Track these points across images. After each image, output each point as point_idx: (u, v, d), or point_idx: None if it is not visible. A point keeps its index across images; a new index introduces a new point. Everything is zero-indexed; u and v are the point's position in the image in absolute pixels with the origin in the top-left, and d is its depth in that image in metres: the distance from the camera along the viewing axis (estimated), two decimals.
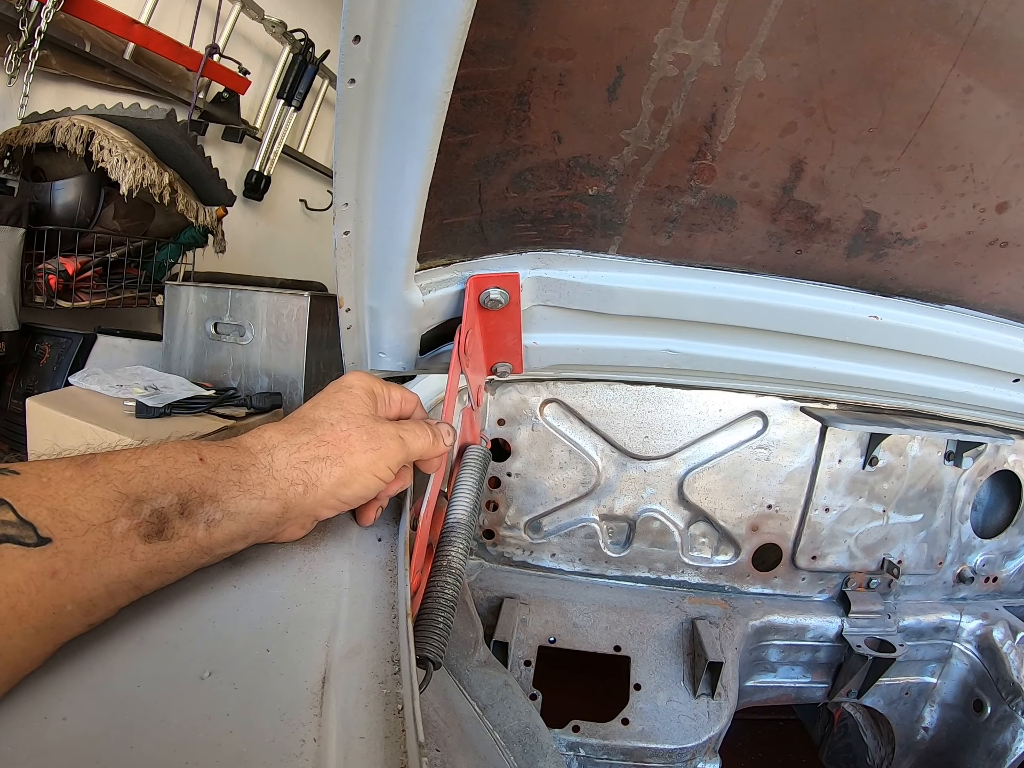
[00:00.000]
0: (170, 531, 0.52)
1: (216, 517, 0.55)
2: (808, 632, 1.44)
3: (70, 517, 0.46)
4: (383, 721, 0.45)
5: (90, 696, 0.45)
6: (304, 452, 0.63)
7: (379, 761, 0.42)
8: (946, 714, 1.53)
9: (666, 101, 0.70)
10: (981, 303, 1.08)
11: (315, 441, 0.64)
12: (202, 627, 0.54)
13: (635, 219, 0.86)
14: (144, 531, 0.50)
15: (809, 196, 0.84)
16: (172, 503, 0.52)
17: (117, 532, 0.48)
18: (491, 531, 1.45)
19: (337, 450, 0.65)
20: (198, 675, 0.48)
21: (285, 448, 0.62)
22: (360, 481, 0.66)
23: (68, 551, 0.45)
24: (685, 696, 1.20)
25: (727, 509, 1.42)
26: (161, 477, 0.53)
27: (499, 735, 0.93)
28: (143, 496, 0.51)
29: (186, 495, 0.53)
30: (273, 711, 0.45)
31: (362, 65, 0.55)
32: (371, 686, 0.48)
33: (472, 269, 0.87)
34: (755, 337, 1.08)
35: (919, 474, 1.45)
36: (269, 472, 0.60)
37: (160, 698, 0.46)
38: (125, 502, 0.50)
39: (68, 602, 0.45)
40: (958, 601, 1.56)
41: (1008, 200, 0.90)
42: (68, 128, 2.26)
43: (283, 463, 0.61)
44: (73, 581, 0.45)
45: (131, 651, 0.50)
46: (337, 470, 0.64)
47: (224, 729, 0.43)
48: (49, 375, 2.33)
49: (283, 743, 0.42)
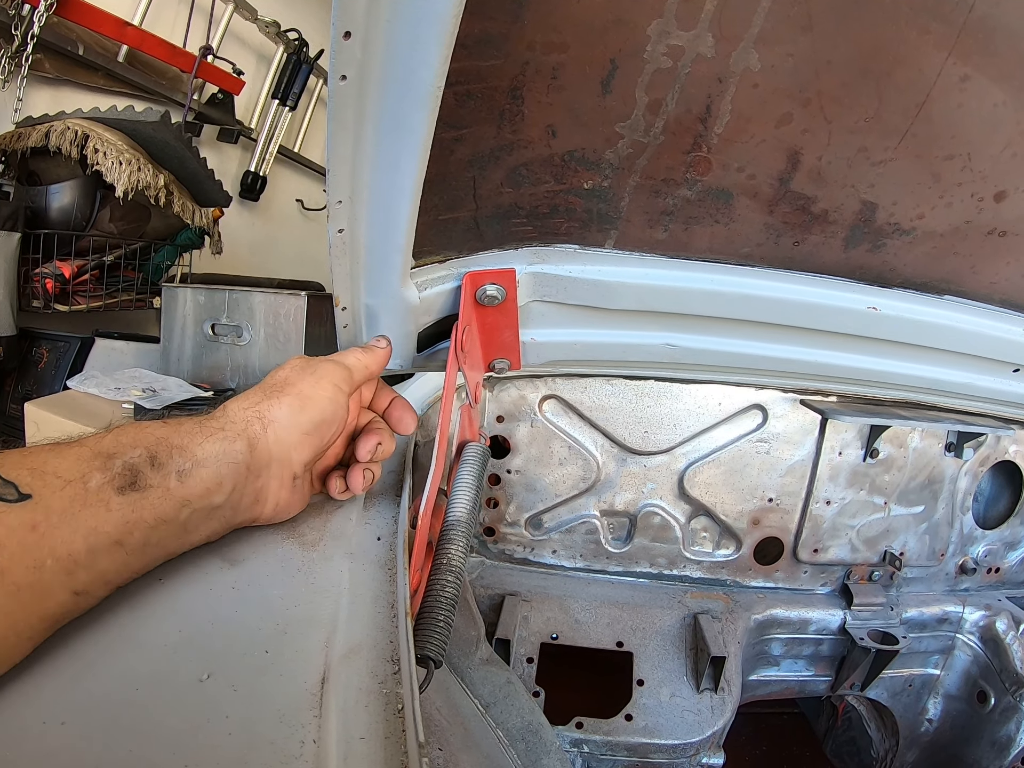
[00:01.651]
0: (142, 482, 0.54)
1: (186, 467, 0.58)
2: (811, 625, 1.43)
3: (48, 475, 0.49)
4: (383, 721, 0.44)
5: (89, 700, 0.45)
6: (252, 398, 0.69)
7: (379, 762, 0.41)
8: (950, 706, 1.53)
9: (661, 93, 0.69)
10: (980, 293, 1.08)
11: (260, 389, 0.71)
12: (201, 629, 0.54)
13: (631, 213, 0.85)
14: (117, 483, 0.53)
15: (806, 187, 0.84)
16: (142, 455, 0.56)
17: (92, 485, 0.51)
18: (492, 528, 1.45)
19: (281, 388, 0.70)
20: (197, 677, 0.48)
21: (235, 401, 0.69)
22: (311, 404, 0.70)
23: (47, 506, 0.47)
24: (688, 691, 1.20)
25: (728, 503, 1.42)
26: (130, 435, 0.57)
27: (502, 733, 0.92)
28: (114, 452, 0.54)
29: (154, 448, 0.57)
30: (272, 712, 0.45)
31: (353, 61, 0.55)
32: (371, 686, 0.48)
33: (468, 265, 0.87)
34: (754, 330, 1.07)
35: (920, 466, 1.44)
36: (226, 419, 0.65)
37: (159, 701, 0.46)
38: (98, 458, 0.53)
39: (48, 557, 0.46)
40: (960, 593, 1.55)
41: (1006, 189, 0.89)
42: (63, 131, 2.25)
43: (235, 409, 0.67)
44: (52, 534, 0.47)
45: (130, 654, 0.50)
46: (285, 400, 0.69)
47: (223, 731, 0.43)
48: (47, 379, 2.33)
49: (283, 745, 0.42)
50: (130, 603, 0.54)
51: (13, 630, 0.44)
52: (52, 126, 2.27)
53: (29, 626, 0.45)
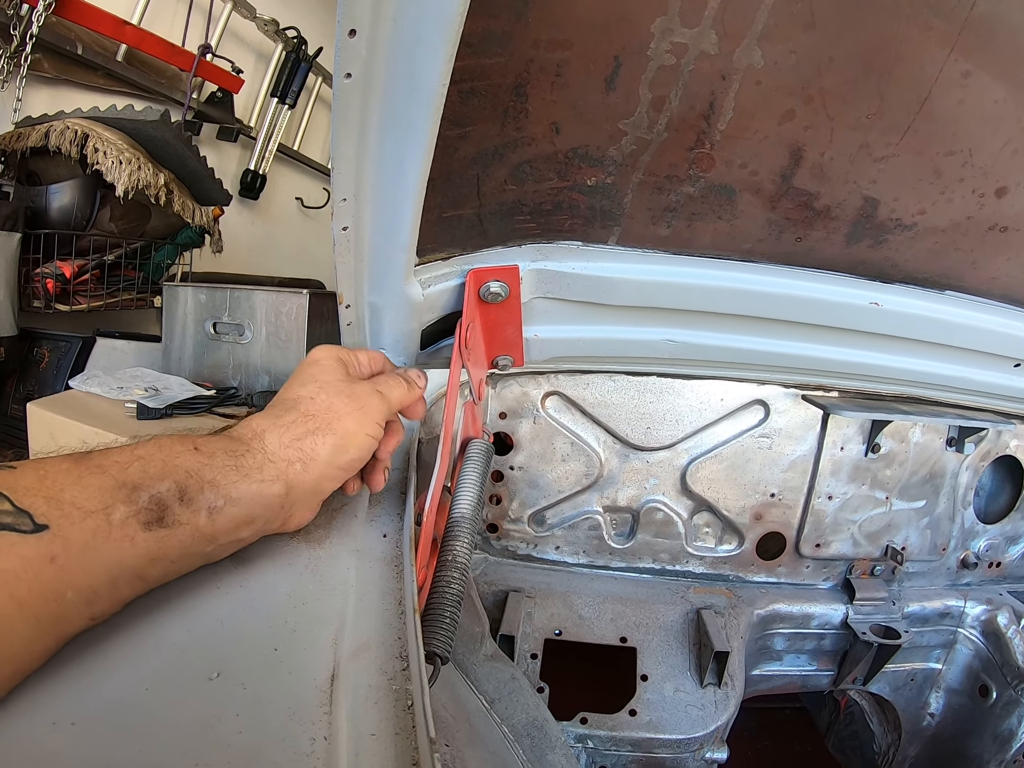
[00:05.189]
0: (171, 518, 0.51)
1: (218, 504, 0.55)
2: (813, 620, 1.44)
3: (66, 505, 0.46)
4: (393, 718, 0.45)
5: (99, 700, 0.45)
6: (294, 430, 0.64)
7: (391, 758, 0.41)
8: (952, 700, 1.53)
9: (664, 90, 0.69)
10: (981, 288, 1.08)
11: (301, 418, 0.65)
12: (210, 628, 0.54)
13: (634, 209, 0.85)
14: (144, 518, 0.50)
15: (808, 183, 0.84)
16: (171, 489, 0.52)
17: (116, 519, 0.48)
18: (495, 525, 1.45)
19: (325, 420, 0.65)
20: (207, 676, 0.48)
21: (274, 431, 0.63)
22: (355, 443, 0.67)
23: (66, 537, 0.45)
24: (692, 686, 1.20)
25: (730, 498, 1.42)
26: (158, 465, 0.53)
27: (507, 729, 0.93)
28: (140, 484, 0.51)
29: (184, 482, 0.53)
30: (283, 710, 0.45)
31: (358, 59, 0.55)
32: (380, 683, 0.48)
33: (472, 263, 0.87)
34: (756, 326, 1.07)
35: (921, 460, 1.45)
36: (265, 456, 0.61)
37: (169, 700, 0.46)
38: (122, 489, 0.50)
39: (68, 589, 0.44)
40: (962, 587, 1.56)
41: (1007, 185, 0.89)
42: (62, 131, 2.25)
43: (276, 444, 0.62)
44: (72, 567, 0.45)
45: (139, 654, 0.50)
46: (330, 439, 0.65)
47: (234, 729, 0.43)
48: (49, 379, 2.33)
49: (293, 742, 0.42)
50: (139, 604, 0.54)
51: (29, 652, 0.44)
52: (52, 126, 2.27)
53: (45, 647, 0.45)
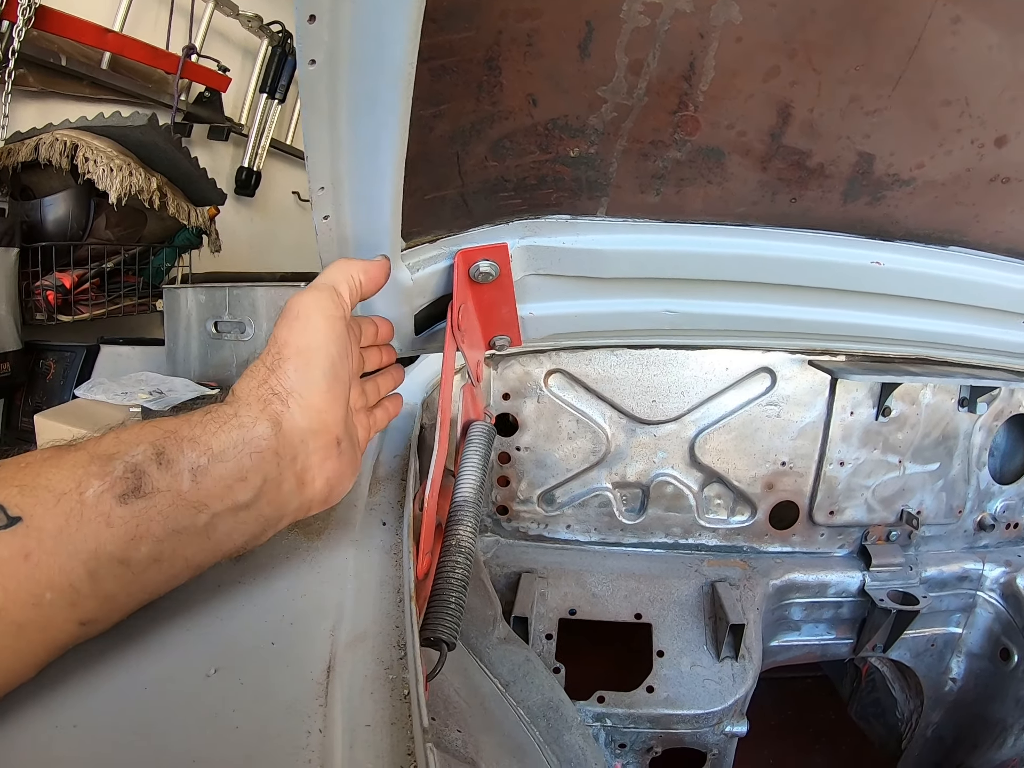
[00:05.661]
0: (148, 485, 0.46)
1: (201, 463, 0.49)
2: (830, 588, 1.42)
3: (40, 490, 0.42)
4: (389, 707, 0.44)
5: (99, 702, 0.45)
6: (257, 374, 0.59)
7: (386, 748, 0.41)
8: (973, 664, 1.52)
9: (641, 53, 0.67)
10: (986, 243, 1.05)
11: (263, 363, 0.61)
12: (208, 625, 0.53)
13: (621, 178, 0.83)
14: (119, 490, 0.44)
15: (799, 141, 0.82)
16: (146, 452, 0.47)
17: (89, 496, 0.43)
18: (505, 507, 1.45)
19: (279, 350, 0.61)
20: (204, 673, 0.48)
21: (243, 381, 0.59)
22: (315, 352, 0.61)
23: (39, 527, 0.41)
24: (709, 660, 1.20)
25: (740, 469, 1.41)
26: (133, 431, 0.49)
27: (523, 711, 0.93)
28: (115, 453, 0.46)
29: (161, 442, 0.48)
30: (279, 704, 0.45)
31: (321, 45, 0.53)
32: (377, 672, 0.48)
33: (459, 243, 0.86)
34: (756, 291, 1.05)
35: (933, 422, 1.42)
36: (238, 403, 0.56)
37: (168, 699, 0.46)
38: (95, 462, 0.45)
39: (46, 589, 0.41)
40: (980, 549, 1.54)
41: (1007, 134, 0.86)
42: (51, 143, 2.24)
43: (245, 391, 0.58)
44: (48, 562, 0.41)
45: (138, 654, 0.49)
46: (289, 364, 0.60)
47: (231, 725, 0.43)
48: (56, 390, 2.34)
49: (289, 736, 0.42)
50: None
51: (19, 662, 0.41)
52: (41, 139, 2.27)
53: (35, 656, 0.42)
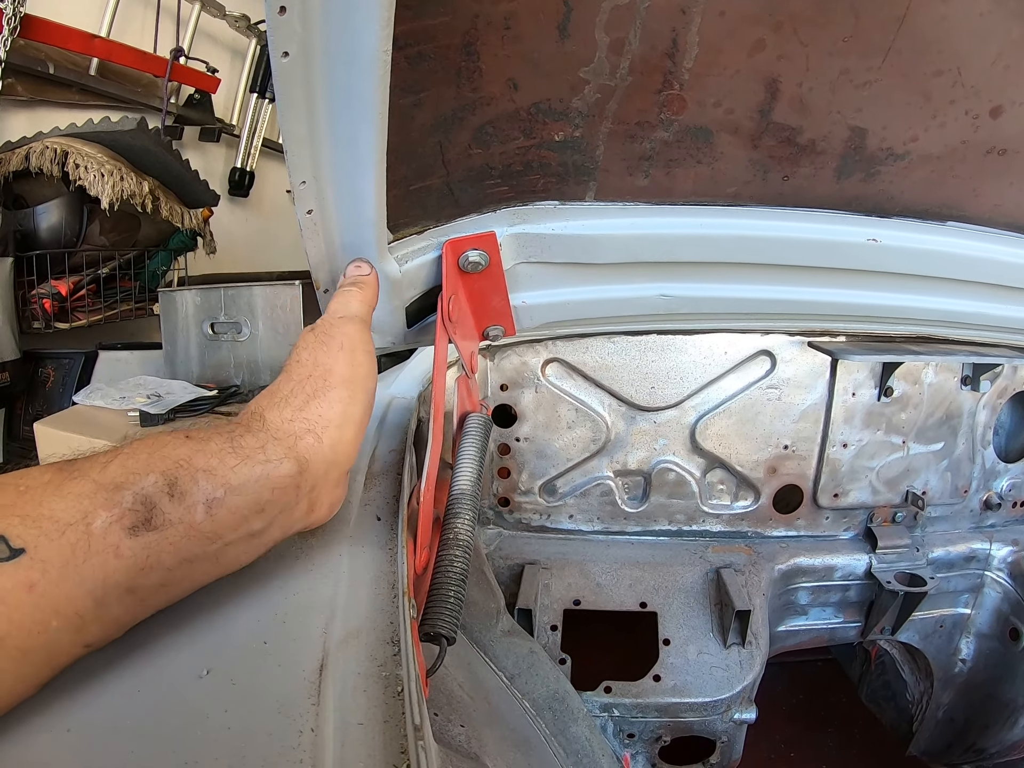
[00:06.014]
0: (159, 518, 0.44)
1: (217, 495, 0.47)
2: (836, 572, 1.41)
3: (44, 520, 0.41)
4: (382, 705, 0.43)
5: (92, 706, 0.44)
6: (293, 401, 0.57)
7: (378, 746, 0.40)
8: (982, 645, 1.51)
9: (622, 32, 0.66)
10: (984, 217, 1.03)
11: (298, 386, 0.59)
12: (200, 625, 0.53)
13: (608, 161, 0.82)
14: (128, 522, 0.43)
15: (789, 117, 0.80)
16: (157, 483, 0.45)
17: (96, 528, 0.42)
18: (506, 498, 1.44)
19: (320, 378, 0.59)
20: (197, 674, 0.47)
21: (273, 408, 0.57)
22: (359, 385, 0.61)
23: (44, 559, 0.40)
24: (715, 647, 1.19)
25: (742, 453, 1.39)
26: (142, 459, 0.46)
27: (528, 704, 0.92)
28: (122, 482, 0.44)
29: (172, 472, 0.46)
30: (271, 704, 0.44)
31: (293, 36, 0.52)
32: (370, 670, 0.47)
33: (447, 233, 0.84)
34: (751, 272, 1.04)
35: (936, 401, 1.41)
36: (268, 434, 0.54)
37: (160, 701, 0.45)
38: (101, 492, 0.43)
39: (52, 618, 0.40)
40: (987, 529, 1.53)
41: (1002, 103, 0.85)
42: (42, 152, 2.25)
43: (278, 420, 0.56)
44: (53, 593, 0.40)
45: (130, 657, 0.49)
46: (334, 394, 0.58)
47: (223, 726, 0.42)
48: (56, 397, 2.35)
49: (281, 736, 0.41)
50: None
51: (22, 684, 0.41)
52: (31, 148, 2.27)
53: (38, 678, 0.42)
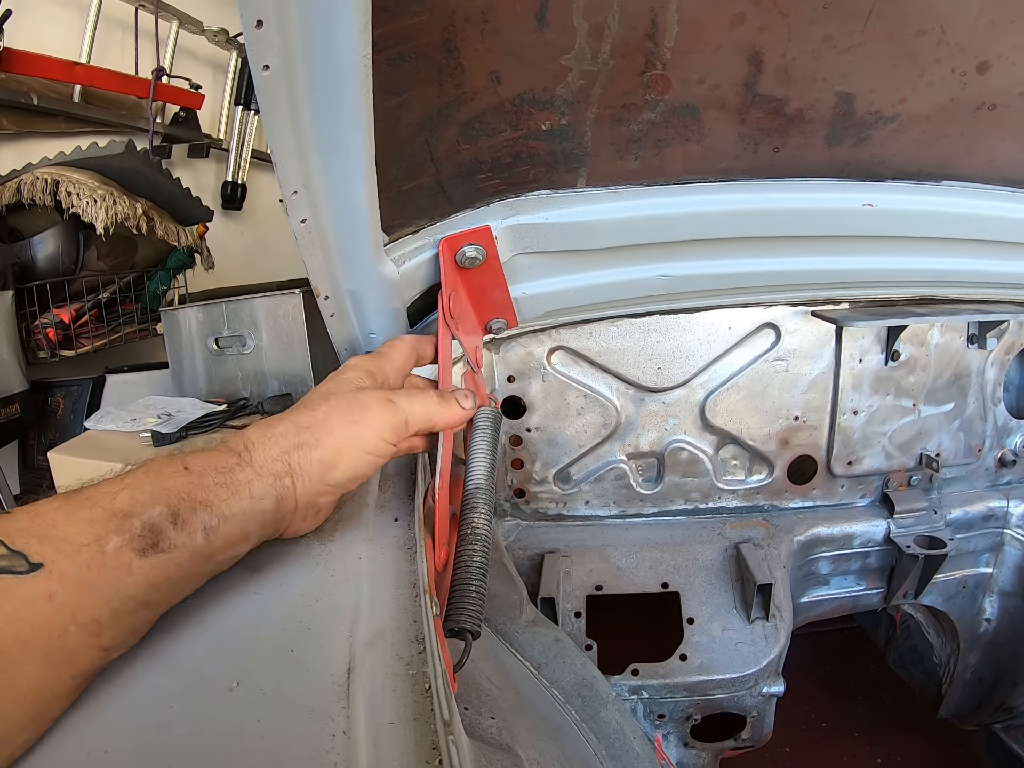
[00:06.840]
0: (166, 542, 0.51)
1: (213, 524, 0.54)
2: (855, 539, 1.41)
3: (59, 541, 0.46)
4: (411, 703, 0.44)
5: (127, 725, 0.45)
6: (281, 443, 0.61)
7: (410, 744, 0.41)
8: (1006, 603, 1.50)
9: (600, 16, 0.66)
10: (979, 174, 1.03)
11: (292, 429, 0.62)
12: (227, 637, 0.54)
13: (597, 147, 0.82)
14: (138, 545, 0.49)
15: (775, 89, 0.80)
16: (162, 514, 0.52)
17: (110, 549, 0.48)
18: (522, 489, 1.44)
19: (315, 433, 0.62)
20: (227, 686, 0.48)
21: (262, 444, 0.61)
22: (347, 461, 0.63)
23: (61, 572, 0.45)
24: (740, 623, 1.19)
25: (754, 427, 1.39)
26: (147, 491, 0.52)
27: (557, 691, 0.92)
28: (130, 511, 0.50)
29: (175, 505, 0.53)
30: (302, 710, 0.45)
31: (272, 49, 0.53)
32: (397, 669, 0.47)
33: (442, 231, 0.85)
34: (749, 246, 1.03)
35: (944, 362, 1.40)
36: (252, 470, 0.59)
37: (193, 715, 0.46)
38: (113, 519, 0.49)
39: (71, 623, 0.45)
40: (1003, 486, 1.52)
41: (988, 59, 0.84)
42: (32, 183, 2.25)
43: (263, 458, 0.60)
44: (71, 602, 0.45)
45: (161, 673, 0.50)
46: (316, 454, 0.62)
47: (256, 735, 0.43)
48: (67, 425, 2.36)
49: (314, 740, 0.42)
50: (157, 624, 0.54)
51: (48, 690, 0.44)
52: (22, 180, 2.27)
53: (62, 684, 0.45)
